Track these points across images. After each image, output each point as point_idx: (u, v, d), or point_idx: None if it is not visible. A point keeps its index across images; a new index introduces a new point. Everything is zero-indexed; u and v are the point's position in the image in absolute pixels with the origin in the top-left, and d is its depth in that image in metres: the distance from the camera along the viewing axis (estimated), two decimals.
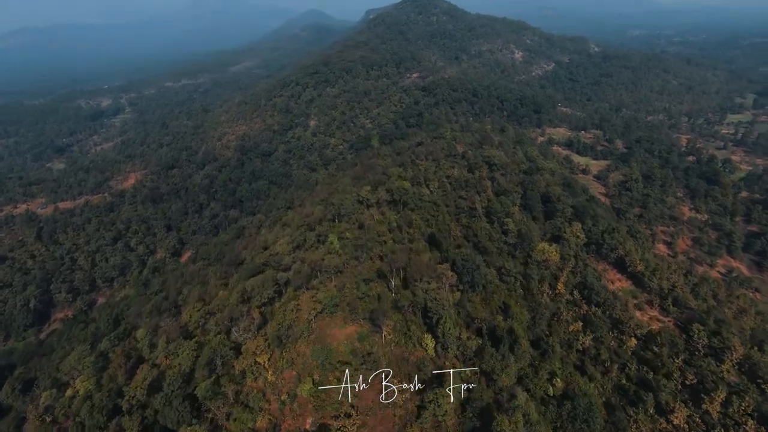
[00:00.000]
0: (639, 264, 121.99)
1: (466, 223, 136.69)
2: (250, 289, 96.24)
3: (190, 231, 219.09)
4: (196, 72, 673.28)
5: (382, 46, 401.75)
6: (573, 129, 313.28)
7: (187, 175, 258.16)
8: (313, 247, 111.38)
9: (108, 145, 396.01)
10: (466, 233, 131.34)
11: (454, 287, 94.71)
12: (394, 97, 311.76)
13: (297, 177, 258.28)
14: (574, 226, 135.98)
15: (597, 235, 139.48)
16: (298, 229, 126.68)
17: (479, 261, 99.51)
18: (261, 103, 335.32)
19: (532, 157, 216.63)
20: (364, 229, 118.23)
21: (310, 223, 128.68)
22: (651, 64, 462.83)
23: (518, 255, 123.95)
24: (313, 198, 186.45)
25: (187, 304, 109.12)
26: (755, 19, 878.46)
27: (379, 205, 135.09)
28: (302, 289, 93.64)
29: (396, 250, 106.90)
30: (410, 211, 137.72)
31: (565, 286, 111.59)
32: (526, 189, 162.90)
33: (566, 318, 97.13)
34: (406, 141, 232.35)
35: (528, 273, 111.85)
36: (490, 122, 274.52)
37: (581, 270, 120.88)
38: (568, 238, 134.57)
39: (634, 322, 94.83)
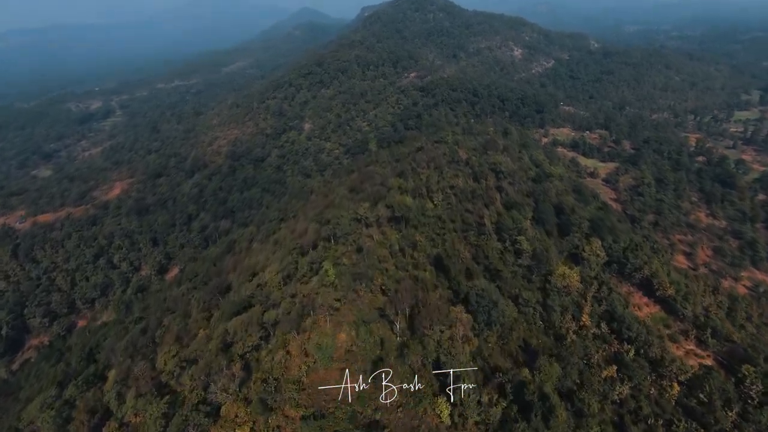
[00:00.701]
0: (669, 287, 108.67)
1: (475, 241, 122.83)
2: (233, 333, 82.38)
3: (178, 245, 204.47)
4: (189, 73, 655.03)
5: (378, 45, 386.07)
6: (577, 129, 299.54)
7: (175, 184, 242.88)
8: (306, 277, 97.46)
9: (96, 150, 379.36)
10: (476, 254, 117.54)
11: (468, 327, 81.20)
12: (391, 98, 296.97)
13: (291, 184, 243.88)
14: (593, 244, 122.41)
15: (618, 252, 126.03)
16: (289, 253, 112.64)
17: (496, 296, 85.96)
18: (253, 105, 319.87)
19: (538, 161, 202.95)
20: (363, 254, 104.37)
21: (303, 246, 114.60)
22: (653, 60, 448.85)
23: (534, 279, 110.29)
24: (307, 209, 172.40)
25: (164, 344, 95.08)
26: (754, 13, 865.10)
27: (379, 223, 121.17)
28: (292, 333, 79.88)
29: (400, 280, 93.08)
30: (413, 228, 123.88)
31: (591, 316, 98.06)
32: (537, 200, 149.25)
33: (597, 360, 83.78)
34: (405, 146, 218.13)
35: (548, 304, 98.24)
36: (492, 123, 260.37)
37: (605, 295, 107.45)
38: (587, 257, 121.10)
39: (676, 365, 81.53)
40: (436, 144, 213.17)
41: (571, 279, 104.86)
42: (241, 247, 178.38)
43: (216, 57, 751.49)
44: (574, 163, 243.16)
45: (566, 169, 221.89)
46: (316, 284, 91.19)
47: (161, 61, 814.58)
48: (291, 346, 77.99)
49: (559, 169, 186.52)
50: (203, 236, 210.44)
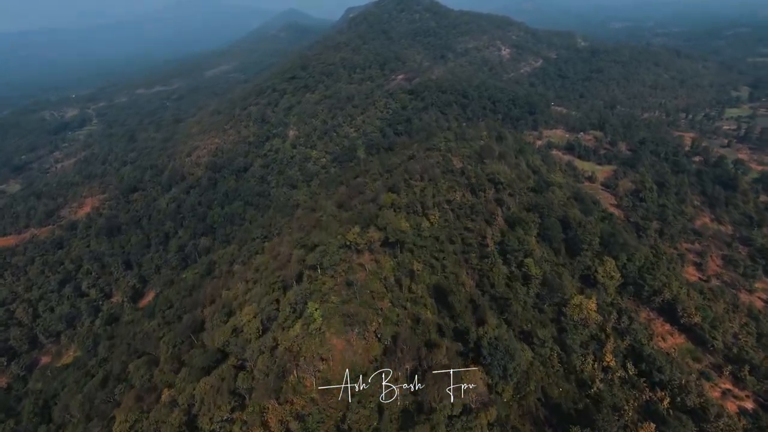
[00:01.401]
0: (695, 314, 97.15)
1: (478, 265, 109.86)
2: (200, 400, 68.08)
3: (153, 267, 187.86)
4: (170, 77, 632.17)
5: (364, 47, 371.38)
6: (571, 130, 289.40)
7: (151, 199, 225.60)
8: (288, 321, 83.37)
9: (70, 162, 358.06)
10: (480, 281, 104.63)
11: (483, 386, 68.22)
12: (379, 102, 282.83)
13: (276, 196, 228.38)
14: (607, 264, 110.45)
15: (633, 272, 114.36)
16: (270, 288, 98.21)
17: (511, 344, 72.98)
18: (235, 112, 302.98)
19: (536, 167, 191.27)
20: (354, 289, 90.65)
21: (286, 279, 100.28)
22: (641, 57, 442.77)
23: (546, 309, 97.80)
24: (292, 227, 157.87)
25: (123, 407, 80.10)
26: (735, 9, 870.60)
27: (372, 249, 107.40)
28: (270, 399, 65.98)
29: (398, 323, 79.50)
30: (409, 252, 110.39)
31: (614, 354, 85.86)
32: (542, 214, 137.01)
33: (630, 414, 71.42)
34: (395, 154, 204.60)
35: (566, 341, 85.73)
36: (485, 127, 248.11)
37: (626, 326, 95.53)
38: (601, 279, 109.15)
39: (724, 421, 69.60)
40: (429, 151, 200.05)
41: (589, 310, 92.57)
42: (221, 271, 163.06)
43: (198, 60, 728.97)
44: (571, 166, 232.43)
45: (565, 176, 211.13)
46: (299, 331, 77.26)
47: (142, 66, 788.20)
48: (269, 416, 64.12)
49: (559, 177, 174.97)
50: (181, 256, 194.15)
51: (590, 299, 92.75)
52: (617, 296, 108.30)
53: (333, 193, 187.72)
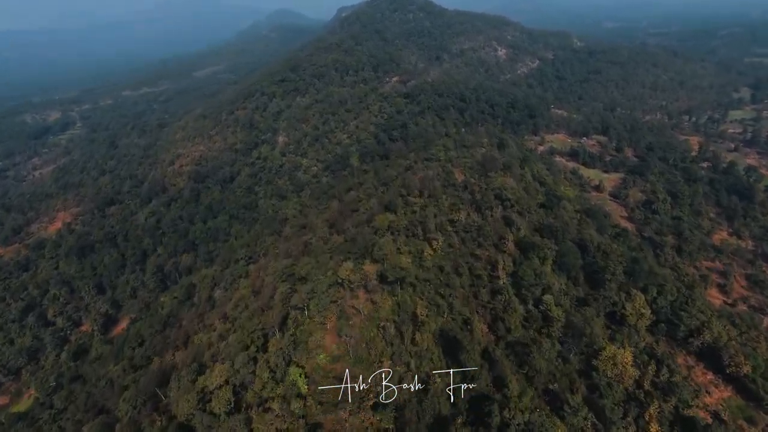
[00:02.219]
0: (744, 364, 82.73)
1: (490, 303, 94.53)
2: None
3: (128, 290, 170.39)
4: (157, 79, 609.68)
5: (356, 48, 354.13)
6: (573, 135, 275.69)
7: (128, 214, 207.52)
8: (266, 390, 67.49)
9: (48, 169, 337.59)
10: (494, 324, 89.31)
11: None
12: (373, 107, 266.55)
13: (264, 208, 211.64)
14: (636, 300, 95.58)
15: (665, 307, 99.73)
16: (248, 337, 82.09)
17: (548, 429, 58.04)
18: (221, 117, 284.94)
19: (542, 178, 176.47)
20: (346, 344, 75.02)
21: (267, 326, 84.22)
22: (639, 58, 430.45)
23: (573, 359, 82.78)
24: (279, 250, 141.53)
25: None
26: (727, 9, 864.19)
27: (367, 287, 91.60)
28: None
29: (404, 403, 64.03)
30: (410, 288, 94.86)
31: (659, 421, 71.03)
32: (555, 234, 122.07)
33: None
34: (391, 164, 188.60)
35: (600, 405, 70.75)
36: (486, 133, 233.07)
37: (666, 379, 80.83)
38: (630, 318, 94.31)
39: None
40: (427, 162, 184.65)
41: (624, 364, 77.62)
42: (200, 298, 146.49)
43: (188, 61, 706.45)
44: (576, 175, 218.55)
45: (572, 186, 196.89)
46: (278, 410, 61.51)
47: (130, 66, 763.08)
48: None
49: (570, 191, 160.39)
50: (160, 277, 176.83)
51: (626, 351, 77.73)
52: (647, 336, 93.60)
53: (324, 208, 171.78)
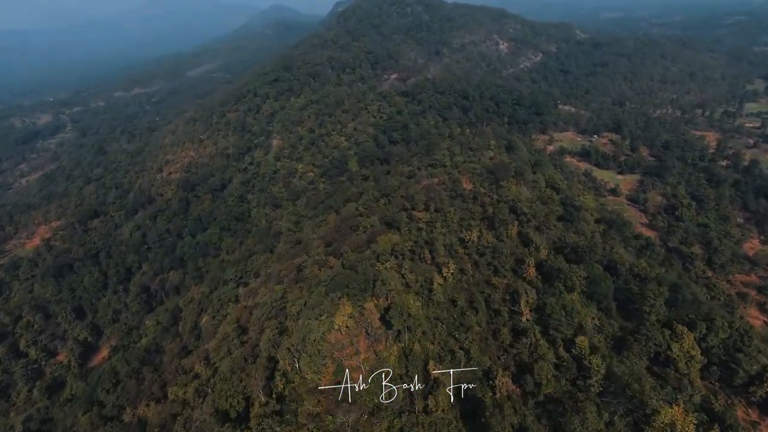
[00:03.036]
0: None
1: (514, 348, 79.88)
2: None
3: (110, 313, 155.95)
4: (150, 79, 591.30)
5: (353, 44, 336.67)
6: (583, 132, 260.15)
7: (113, 227, 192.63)
8: None
9: (35, 176, 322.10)
10: (520, 378, 74.67)
11: None
12: (372, 107, 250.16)
13: (257, 217, 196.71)
14: (684, 340, 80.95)
15: (716, 345, 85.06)
16: (227, 402, 67.47)
17: None
18: (212, 120, 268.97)
19: (556, 184, 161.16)
20: (344, 417, 60.51)
21: (248, 388, 69.53)
22: (646, 49, 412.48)
23: (617, 422, 68.21)
24: (270, 276, 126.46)
25: None
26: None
27: (368, 332, 76.94)
28: None
29: None
30: (419, 327, 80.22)
31: None
32: (580, 256, 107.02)
33: None
34: (393, 172, 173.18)
35: None
36: (492, 134, 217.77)
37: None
38: (680, 363, 79.63)
39: None
40: (431, 168, 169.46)
41: (685, 428, 63.04)
42: (185, 327, 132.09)
43: (180, 60, 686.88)
44: (590, 177, 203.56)
45: (586, 190, 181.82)
46: None
47: (121, 66, 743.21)
48: None
49: (588, 198, 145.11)
50: (144, 298, 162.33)
51: (689, 417, 63.06)
52: (700, 383, 79.03)
53: (321, 221, 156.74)
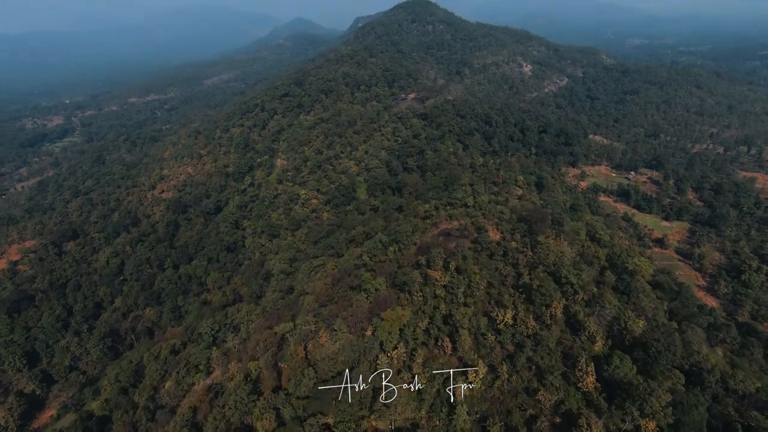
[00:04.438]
0: None
1: None
2: None
3: (68, 359, 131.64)
4: (165, 86, 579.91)
5: (370, 60, 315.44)
6: (617, 168, 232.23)
7: (89, 252, 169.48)
8: None
9: (33, 181, 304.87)
10: None
11: None
12: (386, 128, 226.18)
13: (250, 249, 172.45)
14: None
15: None
16: None
17: None
18: (215, 134, 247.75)
19: (598, 235, 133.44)
20: None
21: None
22: (680, 79, 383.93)
23: None
24: (248, 348, 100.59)
25: None
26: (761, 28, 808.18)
27: None
28: None
29: None
30: None
31: None
32: (653, 357, 79.00)
33: None
34: (406, 211, 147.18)
35: None
36: (518, 166, 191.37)
37: None
38: None
39: None
40: (450, 208, 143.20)
41: None
42: (143, 394, 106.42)
43: (199, 68, 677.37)
44: (630, 221, 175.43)
45: (629, 239, 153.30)
46: None
47: (141, 72, 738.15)
48: None
49: (644, 262, 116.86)
50: (109, 343, 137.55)
51: None
52: None
53: (318, 266, 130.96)
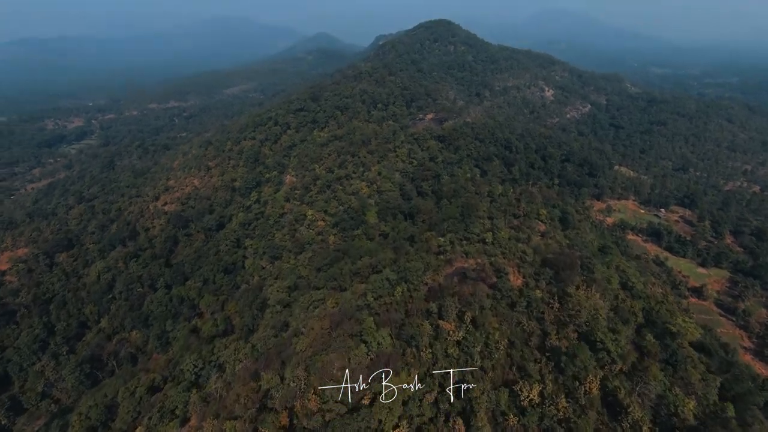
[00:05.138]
0: None
1: None
2: None
3: (41, 385, 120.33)
4: (185, 93, 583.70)
5: (389, 78, 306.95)
6: (646, 204, 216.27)
7: (81, 265, 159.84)
8: None
9: (43, 183, 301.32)
10: None
11: None
12: (401, 149, 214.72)
13: (249, 271, 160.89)
14: None
15: None
16: None
17: None
18: (226, 146, 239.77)
19: (631, 284, 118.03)
20: None
21: None
22: (710, 111, 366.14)
23: None
24: (227, 403, 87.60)
25: None
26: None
27: None
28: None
29: None
30: None
31: None
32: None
33: None
34: (417, 244, 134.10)
35: None
36: (541, 197, 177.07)
37: None
38: None
39: None
40: (467, 243, 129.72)
41: None
42: None
43: (220, 77, 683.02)
44: (662, 266, 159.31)
45: (662, 287, 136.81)
46: None
47: (164, 78, 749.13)
48: None
49: (689, 323, 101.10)
50: (89, 367, 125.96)
51: None
52: None
53: (318, 302, 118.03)
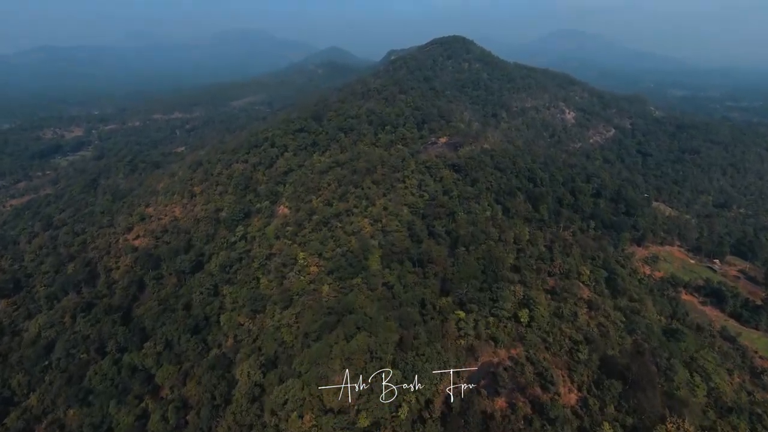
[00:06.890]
0: None
1: None
2: None
3: None
4: (191, 104, 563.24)
5: (400, 96, 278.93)
6: (693, 250, 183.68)
7: (22, 317, 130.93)
8: None
9: (25, 200, 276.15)
10: None
11: None
12: (411, 179, 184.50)
13: (225, 329, 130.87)
14: None
15: None
16: None
17: None
18: (215, 169, 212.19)
19: (715, 384, 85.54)
20: None
21: None
22: (746, 139, 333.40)
23: None
24: None
25: None
26: None
27: None
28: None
29: None
30: None
31: None
32: None
33: None
34: (426, 321, 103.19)
35: None
36: (580, 248, 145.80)
37: None
38: None
39: None
40: (494, 318, 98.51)
41: None
42: None
43: (228, 89, 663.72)
44: (732, 341, 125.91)
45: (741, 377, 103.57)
46: None
47: (172, 88, 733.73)
48: None
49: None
50: None
51: None
52: None
53: (295, 399, 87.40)
